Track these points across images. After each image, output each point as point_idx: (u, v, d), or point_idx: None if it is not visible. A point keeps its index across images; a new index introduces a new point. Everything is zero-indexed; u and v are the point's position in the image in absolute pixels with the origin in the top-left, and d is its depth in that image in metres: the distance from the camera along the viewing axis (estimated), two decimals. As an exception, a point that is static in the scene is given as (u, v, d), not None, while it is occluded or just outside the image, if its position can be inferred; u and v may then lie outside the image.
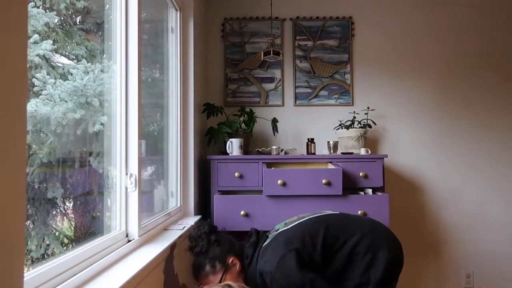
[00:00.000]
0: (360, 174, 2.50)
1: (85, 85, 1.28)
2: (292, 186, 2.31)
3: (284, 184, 2.31)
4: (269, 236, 1.67)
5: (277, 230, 1.67)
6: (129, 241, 1.58)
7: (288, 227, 1.64)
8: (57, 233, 1.31)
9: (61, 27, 1.33)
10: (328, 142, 2.76)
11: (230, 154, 2.61)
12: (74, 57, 1.38)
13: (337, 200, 2.35)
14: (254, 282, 1.55)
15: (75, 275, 1.12)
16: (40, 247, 1.21)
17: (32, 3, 1.14)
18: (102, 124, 1.45)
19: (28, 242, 1.16)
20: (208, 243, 1.60)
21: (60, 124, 1.21)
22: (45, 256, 1.21)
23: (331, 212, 1.74)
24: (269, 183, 2.32)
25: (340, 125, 2.93)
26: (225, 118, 2.88)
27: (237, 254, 1.61)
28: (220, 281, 1.55)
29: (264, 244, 1.61)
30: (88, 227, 1.53)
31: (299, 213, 1.89)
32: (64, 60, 1.35)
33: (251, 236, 1.69)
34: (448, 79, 3.10)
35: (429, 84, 3.10)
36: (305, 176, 2.33)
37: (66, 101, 1.24)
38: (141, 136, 1.68)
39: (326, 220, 1.62)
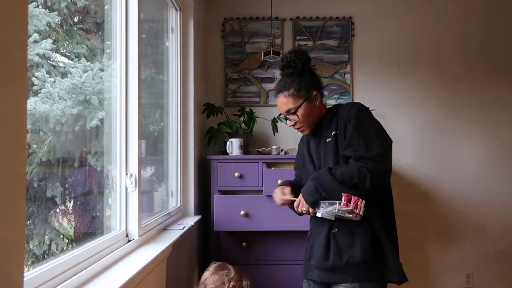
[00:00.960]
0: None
1: (83, 82, 1.28)
2: None
3: None
4: None
5: None
6: (129, 241, 1.57)
7: None
8: (57, 233, 1.31)
9: (61, 26, 1.33)
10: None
11: (230, 154, 2.61)
12: (75, 56, 1.38)
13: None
14: (332, 112, 1.57)
15: (75, 275, 1.12)
16: (42, 245, 1.21)
17: (34, 3, 1.14)
18: (100, 120, 1.45)
19: (28, 242, 1.16)
20: (303, 68, 1.58)
21: (59, 122, 1.21)
22: (45, 256, 1.21)
23: None
24: (269, 183, 2.32)
25: (340, 125, 2.92)
26: (225, 118, 2.88)
27: (321, 90, 1.61)
28: (299, 107, 1.55)
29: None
30: (88, 227, 1.52)
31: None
32: (64, 59, 1.35)
33: None
34: (448, 79, 3.10)
35: (429, 84, 3.10)
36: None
37: (65, 99, 1.24)
38: (141, 136, 1.67)
39: None
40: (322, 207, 1.41)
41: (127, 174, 1.61)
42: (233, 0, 3.14)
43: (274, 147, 2.70)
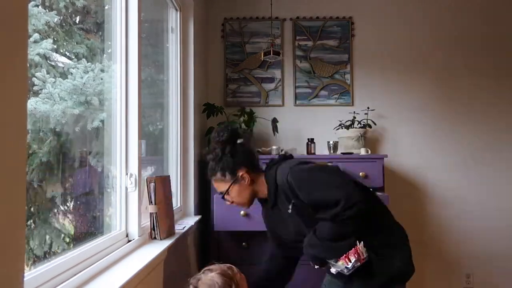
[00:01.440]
0: (360, 174, 2.50)
1: (84, 83, 1.28)
2: None
3: None
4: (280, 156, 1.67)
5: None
6: (129, 241, 1.57)
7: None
8: (57, 233, 1.31)
9: (61, 26, 1.33)
10: (328, 142, 2.76)
11: (230, 154, 2.60)
12: (74, 56, 1.38)
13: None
14: (272, 186, 1.54)
15: (75, 275, 1.12)
16: (43, 245, 1.21)
17: (32, 2, 1.14)
18: (101, 121, 1.45)
19: (29, 242, 1.16)
20: (222, 152, 1.57)
21: (59, 122, 1.21)
22: (46, 256, 1.21)
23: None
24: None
25: (340, 125, 2.92)
26: (225, 118, 2.88)
27: (250, 168, 1.58)
28: (227, 190, 1.57)
29: (287, 162, 1.57)
30: (88, 227, 1.52)
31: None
32: (64, 59, 1.35)
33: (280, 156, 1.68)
34: (448, 79, 3.10)
35: (429, 84, 3.10)
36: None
37: (66, 100, 1.24)
38: (141, 136, 1.67)
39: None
40: (330, 266, 1.43)
41: (127, 174, 1.61)
42: (233, 0, 3.14)
43: (274, 147, 2.70)
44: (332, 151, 2.73)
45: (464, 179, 3.06)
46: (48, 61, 1.22)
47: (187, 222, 2.21)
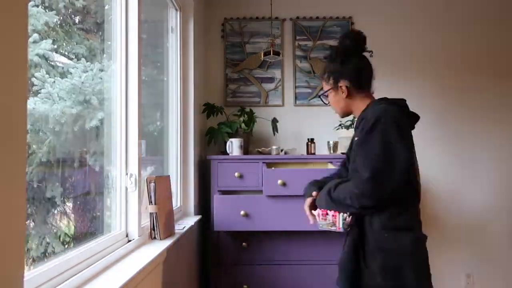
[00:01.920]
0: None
1: (83, 82, 1.28)
2: (292, 186, 2.31)
3: (284, 184, 2.31)
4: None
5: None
6: (129, 241, 1.58)
7: None
8: (57, 233, 1.31)
9: (61, 26, 1.33)
10: (328, 142, 2.76)
11: (230, 154, 2.61)
12: (74, 56, 1.38)
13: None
14: (362, 114, 1.51)
15: (75, 275, 1.12)
16: (42, 245, 1.21)
17: (32, 2, 1.14)
18: (100, 120, 1.45)
19: (29, 242, 1.16)
20: (336, 56, 1.55)
21: (58, 122, 1.21)
22: (45, 255, 1.21)
23: None
24: (269, 183, 2.32)
25: (340, 125, 2.92)
26: (225, 118, 2.88)
27: (354, 84, 1.56)
28: (325, 93, 1.60)
29: (393, 107, 1.48)
30: (88, 227, 1.52)
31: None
32: (63, 59, 1.35)
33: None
34: (449, 78, 3.10)
35: (430, 84, 3.10)
36: (305, 176, 2.33)
37: (65, 99, 1.24)
38: (141, 136, 1.67)
39: None
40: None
41: (127, 174, 1.61)
42: (233, 0, 3.14)
43: (274, 147, 2.70)
44: (332, 151, 2.73)
45: (464, 179, 3.06)
46: (48, 61, 1.22)
47: (187, 222, 2.21)
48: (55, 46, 1.27)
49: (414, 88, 3.10)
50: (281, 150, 2.77)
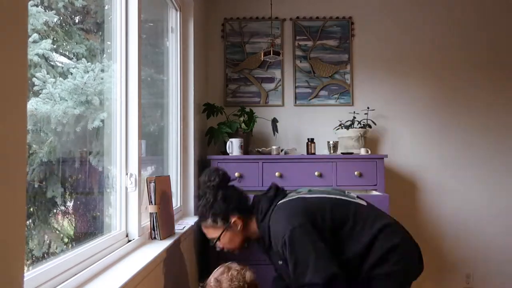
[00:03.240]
0: (360, 174, 2.50)
1: (85, 83, 1.28)
2: (290, 179, 2.42)
3: (281, 176, 2.39)
4: (288, 195, 1.56)
5: (298, 193, 1.57)
6: (129, 241, 1.57)
7: (312, 195, 1.53)
8: (57, 232, 1.31)
9: (61, 26, 1.33)
10: (328, 142, 2.76)
11: (230, 154, 2.61)
12: (74, 56, 1.38)
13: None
14: (266, 236, 1.50)
15: (75, 275, 1.12)
16: (42, 245, 1.21)
17: (31, 2, 1.14)
18: (102, 121, 1.45)
19: (29, 242, 1.16)
20: (214, 198, 1.53)
21: (60, 122, 1.21)
22: (45, 255, 1.21)
23: (359, 203, 1.59)
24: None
25: (340, 125, 2.92)
26: (225, 118, 2.88)
27: (242, 213, 1.55)
28: (219, 237, 1.53)
29: (280, 202, 1.50)
30: (88, 227, 1.52)
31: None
32: (63, 59, 1.35)
33: (269, 190, 1.60)
34: (448, 78, 3.10)
35: (429, 84, 3.10)
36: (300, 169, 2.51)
37: (66, 100, 1.24)
38: (141, 136, 1.67)
39: (350, 208, 1.51)
40: None
41: (127, 174, 1.61)
42: (233, 0, 3.14)
43: (274, 147, 2.70)
44: (332, 151, 2.73)
45: (464, 179, 3.06)
46: (48, 61, 1.22)
47: (187, 222, 2.21)
48: (55, 46, 1.27)
49: (414, 87, 3.10)
50: (281, 150, 2.77)
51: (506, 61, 3.10)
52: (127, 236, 1.59)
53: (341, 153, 2.71)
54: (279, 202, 1.51)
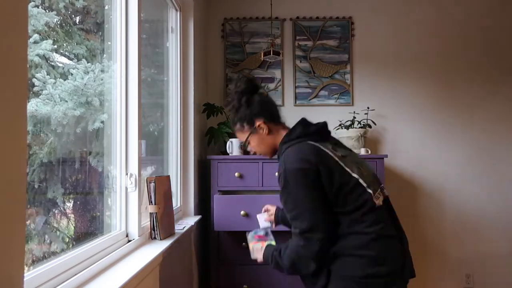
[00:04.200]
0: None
1: (85, 84, 1.28)
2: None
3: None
4: (312, 128, 1.56)
5: (335, 146, 1.55)
6: (129, 241, 1.58)
7: (336, 147, 1.51)
8: (57, 233, 1.31)
9: (61, 26, 1.33)
10: (328, 142, 2.76)
11: (230, 154, 2.61)
12: (74, 57, 1.38)
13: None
14: (281, 152, 1.50)
15: (75, 275, 1.12)
16: (42, 245, 1.21)
17: (32, 3, 1.14)
18: (102, 122, 1.45)
19: (29, 242, 1.16)
20: (239, 103, 1.57)
21: (60, 123, 1.21)
22: (45, 256, 1.21)
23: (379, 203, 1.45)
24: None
25: (340, 125, 2.93)
26: (225, 118, 2.88)
27: (268, 119, 1.56)
28: (247, 140, 1.56)
29: (309, 142, 1.47)
30: (88, 227, 1.52)
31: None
32: (64, 59, 1.35)
33: (309, 126, 1.59)
34: (448, 78, 3.10)
35: (429, 84, 3.10)
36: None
37: (67, 101, 1.24)
38: (141, 136, 1.68)
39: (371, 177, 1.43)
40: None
41: (127, 174, 1.62)
42: (233, 0, 3.14)
43: (274, 147, 2.70)
44: (332, 151, 2.73)
45: (464, 179, 3.06)
46: (48, 62, 1.22)
47: (187, 222, 2.22)
48: (55, 46, 1.27)
49: (414, 87, 3.10)
50: (281, 150, 2.77)
51: (507, 60, 3.10)
52: (127, 236, 1.60)
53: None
54: (307, 141, 1.49)
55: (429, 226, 3.04)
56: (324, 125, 1.62)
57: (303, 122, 1.59)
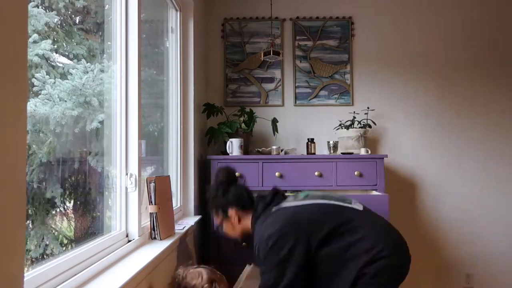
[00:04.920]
0: (360, 174, 2.50)
1: (84, 84, 1.28)
2: (290, 179, 2.44)
3: (281, 176, 2.40)
4: (284, 202, 1.68)
5: (295, 199, 1.69)
6: (129, 241, 1.58)
7: (305, 202, 1.64)
8: (56, 233, 1.31)
9: (61, 26, 1.33)
10: (328, 142, 2.76)
11: (230, 154, 2.61)
12: (74, 57, 1.38)
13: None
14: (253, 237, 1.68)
15: (75, 275, 1.12)
16: (42, 245, 1.21)
17: (32, 3, 1.14)
18: (100, 122, 1.45)
19: (28, 242, 1.16)
20: (216, 192, 1.77)
21: (59, 123, 1.21)
22: (44, 256, 1.21)
23: (355, 208, 1.65)
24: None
25: (340, 125, 2.93)
26: (225, 118, 2.88)
27: (240, 208, 1.74)
28: (220, 225, 1.79)
29: (275, 209, 1.65)
30: (88, 227, 1.52)
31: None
32: (63, 59, 1.35)
33: (267, 195, 1.76)
34: (448, 78, 3.10)
35: (429, 84, 3.10)
36: (300, 169, 2.54)
37: (65, 101, 1.24)
38: (141, 136, 1.68)
39: (343, 217, 1.58)
40: None
41: (127, 174, 1.61)
42: (233, 0, 3.14)
43: (274, 147, 2.70)
44: (332, 151, 2.73)
45: (464, 179, 3.06)
46: (49, 62, 1.22)
47: (187, 222, 2.22)
48: (55, 46, 1.27)
49: (415, 87, 3.10)
50: (281, 150, 2.77)
51: (507, 60, 3.10)
52: (127, 236, 1.60)
53: (341, 153, 2.71)
54: (274, 208, 1.66)
55: (429, 225, 3.04)
56: (273, 191, 1.80)
57: (257, 198, 1.79)
